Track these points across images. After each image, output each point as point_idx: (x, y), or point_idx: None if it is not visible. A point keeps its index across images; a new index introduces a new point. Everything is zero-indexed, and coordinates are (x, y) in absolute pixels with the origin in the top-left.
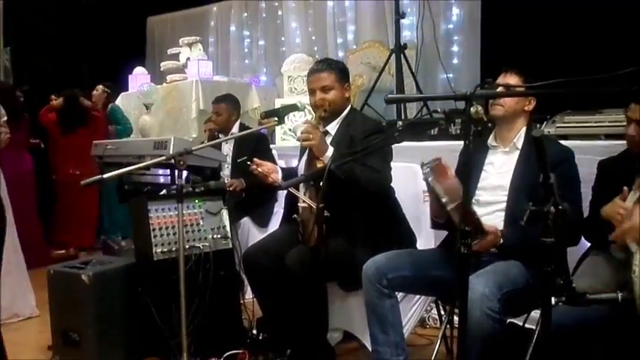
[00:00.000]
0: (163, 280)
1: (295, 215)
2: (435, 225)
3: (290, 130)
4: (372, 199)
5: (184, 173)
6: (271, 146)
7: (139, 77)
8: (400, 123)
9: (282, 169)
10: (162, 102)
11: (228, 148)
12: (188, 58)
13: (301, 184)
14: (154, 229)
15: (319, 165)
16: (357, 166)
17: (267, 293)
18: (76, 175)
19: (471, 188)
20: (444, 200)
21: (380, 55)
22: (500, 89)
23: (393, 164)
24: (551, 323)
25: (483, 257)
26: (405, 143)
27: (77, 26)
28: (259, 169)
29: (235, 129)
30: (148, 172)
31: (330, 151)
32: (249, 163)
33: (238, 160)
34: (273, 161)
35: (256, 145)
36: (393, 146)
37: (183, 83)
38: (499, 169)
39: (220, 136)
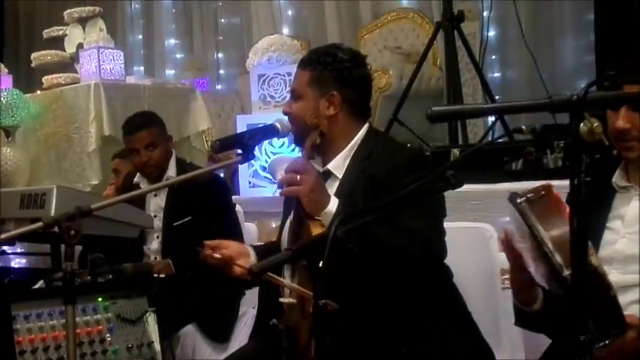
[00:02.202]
0: None
1: (274, 321)
2: (526, 319)
3: (265, 169)
4: (408, 285)
5: (77, 250)
6: (235, 198)
7: None
8: (457, 152)
9: (257, 248)
10: (35, 123)
11: (157, 205)
12: (80, 45)
13: (285, 266)
14: (22, 352)
15: (315, 230)
16: (382, 229)
17: None
18: None
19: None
20: (556, 259)
21: (417, 34)
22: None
23: (446, 224)
24: None
25: None
26: (466, 188)
27: None
28: (216, 255)
29: (171, 171)
30: (11, 248)
31: (334, 204)
32: (199, 249)
33: (175, 224)
34: (236, 226)
35: (207, 198)
36: (445, 193)
37: (73, 90)
38: (634, 227)
39: (141, 184)
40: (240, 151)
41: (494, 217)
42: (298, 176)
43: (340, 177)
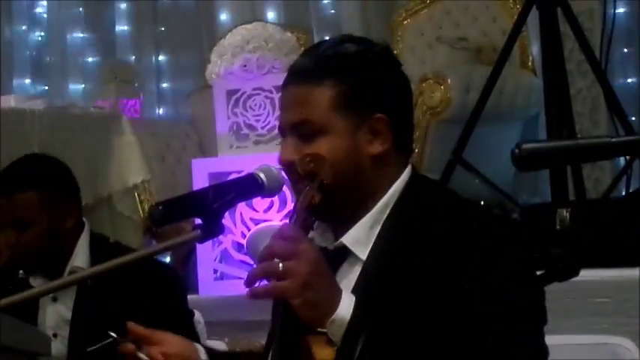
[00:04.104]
0: None
1: None
2: None
3: (241, 248)
4: None
5: None
6: (191, 298)
7: None
8: (567, 214)
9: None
10: None
11: (58, 316)
12: None
13: None
14: None
15: (319, 352)
16: (434, 351)
17: None
18: None
19: None
20: None
21: (493, 15)
22: None
23: (550, 338)
24: None
25: None
26: (585, 275)
27: None
28: (141, 356)
29: (80, 257)
30: None
31: (347, 304)
32: (114, 338)
33: (89, 349)
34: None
35: (145, 302)
36: (548, 287)
37: None
38: None
39: (32, 281)
40: (199, 220)
41: (635, 324)
42: (280, 264)
43: (364, 257)
